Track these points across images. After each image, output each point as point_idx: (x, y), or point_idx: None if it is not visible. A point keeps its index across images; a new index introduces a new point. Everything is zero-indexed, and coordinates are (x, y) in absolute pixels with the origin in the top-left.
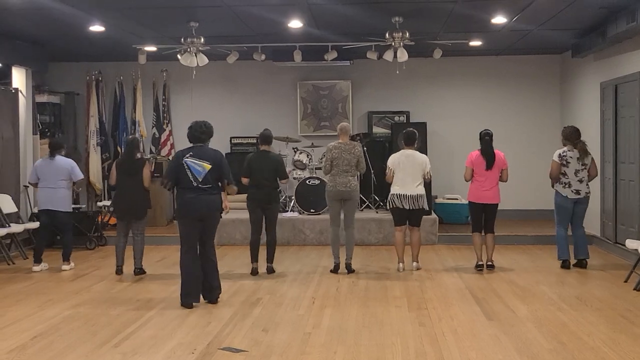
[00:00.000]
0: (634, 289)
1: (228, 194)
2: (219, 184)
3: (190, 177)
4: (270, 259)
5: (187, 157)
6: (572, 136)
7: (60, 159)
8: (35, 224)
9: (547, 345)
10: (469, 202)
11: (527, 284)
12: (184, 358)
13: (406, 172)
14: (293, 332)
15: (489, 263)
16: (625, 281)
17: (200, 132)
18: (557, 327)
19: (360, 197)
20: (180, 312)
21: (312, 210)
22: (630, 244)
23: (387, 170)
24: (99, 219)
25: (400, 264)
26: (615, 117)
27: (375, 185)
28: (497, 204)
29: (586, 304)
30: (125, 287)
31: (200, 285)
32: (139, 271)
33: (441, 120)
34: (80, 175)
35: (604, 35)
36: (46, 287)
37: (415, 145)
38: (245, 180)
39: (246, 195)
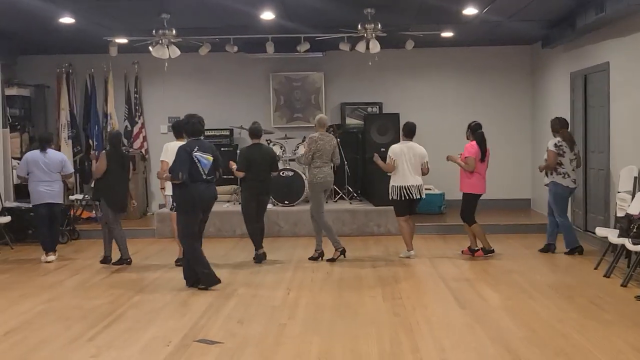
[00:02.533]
0: (604, 276)
1: None
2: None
3: (201, 170)
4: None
5: (195, 152)
6: (556, 125)
7: (53, 153)
8: (6, 219)
9: (519, 333)
10: (473, 194)
11: (499, 272)
12: (159, 351)
13: (409, 163)
14: (268, 323)
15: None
16: (595, 268)
17: (202, 125)
18: (529, 315)
19: (334, 188)
20: (156, 305)
21: (286, 202)
22: (600, 231)
23: (387, 160)
24: (72, 213)
25: (412, 252)
26: (584, 106)
27: (349, 177)
28: None
29: (557, 292)
30: (99, 281)
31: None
32: (128, 260)
33: (414, 111)
34: (71, 169)
35: (573, 27)
36: (18, 282)
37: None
38: (241, 174)
39: (241, 187)
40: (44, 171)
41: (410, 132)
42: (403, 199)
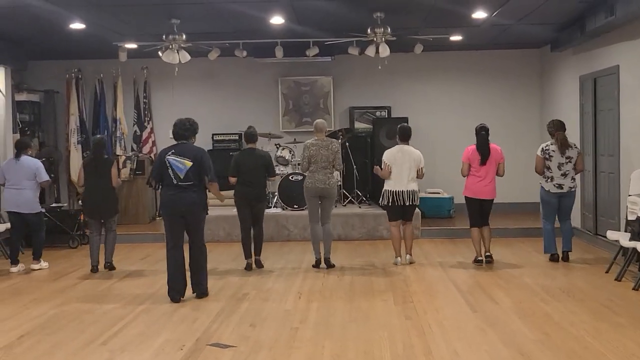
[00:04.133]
0: (615, 279)
1: (209, 192)
2: (202, 181)
3: (172, 174)
4: (258, 252)
5: (169, 155)
6: (551, 128)
7: (25, 159)
8: None
9: (531, 336)
10: (466, 197)
11: (510, 276)
12: (172, 354)
13: (402, 167)
14: (280, 327)
15: (487, 254)
16: (607, 272)
17: (183, 130)
18: (541, 318)
19: (343, 193)
20: (168, 309)
21: (295, 206)
22: (612, 235)
23: (382, 165)
24: (81, 218)
25: (398, 258)
26: (594, 110)
27: (358, 180)
28: (493, 199)
29: (569, 295)
30: (111, 285)
31: (184, 280)
32: (109, 265)
33: (422, 115)
34: (45, 177)
35: (583, 30)
36: (30, 287)
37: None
38: (233, 180)
39: (233, 192)
40: (13, 178)
41: (405, 135)
42: (393, 204)
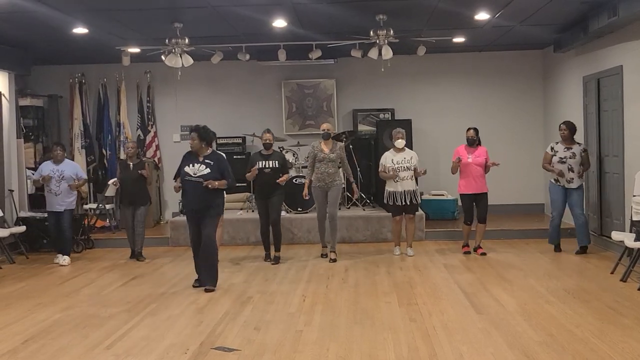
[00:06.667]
0: (621, 280)
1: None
2: None
3: None
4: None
5: None
6: (575, 130)
7: None
8: (21, 228)
9: (536, 337)
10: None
11: (515, 277)
12: (177, 358)
13: None
14: (285, 330)
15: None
16: (612, 273)
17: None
18: (546, 320)
19: (347, 195)
20: (172, 312)
21: (299, 209)
22: (616, 235)
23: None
24: (86, 222)
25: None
26: (598, 110)
27: (362, 183)
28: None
29: (574, 296)
30: (115, 289)
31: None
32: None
33: (426, 117)
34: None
35: (586, 30)
36: (35, 291)
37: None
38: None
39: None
40: None
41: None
42: None
